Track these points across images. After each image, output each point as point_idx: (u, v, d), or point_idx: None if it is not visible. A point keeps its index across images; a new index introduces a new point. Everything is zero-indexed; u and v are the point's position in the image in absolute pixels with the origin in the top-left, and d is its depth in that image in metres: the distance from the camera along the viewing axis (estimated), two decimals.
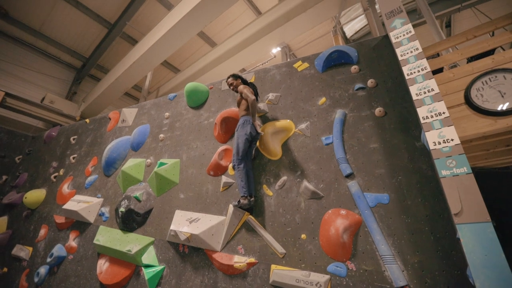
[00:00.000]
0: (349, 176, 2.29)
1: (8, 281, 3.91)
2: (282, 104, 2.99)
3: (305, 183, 2.42)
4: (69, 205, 3.74)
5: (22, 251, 3.97)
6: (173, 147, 3.51)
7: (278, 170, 2.65)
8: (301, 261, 2.16)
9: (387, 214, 2.03)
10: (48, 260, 3.58)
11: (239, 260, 2.37)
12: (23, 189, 4.80)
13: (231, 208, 2.63)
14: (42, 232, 3.99)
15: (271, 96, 3.06)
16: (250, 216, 2.54)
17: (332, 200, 2.27)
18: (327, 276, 2.00)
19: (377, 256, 1.93)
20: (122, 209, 3.17)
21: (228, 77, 3.05)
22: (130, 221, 3.15)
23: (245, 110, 2.79)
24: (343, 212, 2.16)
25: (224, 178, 2.87)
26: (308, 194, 2.37)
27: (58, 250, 3.58)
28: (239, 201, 2.48)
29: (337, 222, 2.12)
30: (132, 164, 3.58)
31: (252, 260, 2.34)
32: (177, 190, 3.16)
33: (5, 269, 4.00)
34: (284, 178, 2.56)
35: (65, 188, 4.19)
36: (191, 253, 2.69)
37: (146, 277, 2.73)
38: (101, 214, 3.57)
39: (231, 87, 3.04)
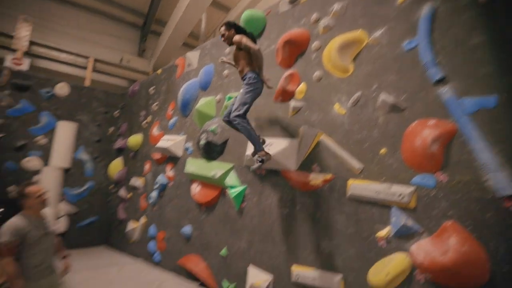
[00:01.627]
0: (441, 81, 1.94)
1: (133, 202, 5.19)
2: (350, 13, 2.57)
3: (383, 96, 2.18)
4: (161, 144, 4.45)
5: (137, 182, 5.09)
6: (238, 81, 3.55)
7: (350, 87, 2.44)
8: (381, 175, 2.10)
9: (492, 120, 1.70)
10: (155, 186, 4.51)
11: (315, 177, 2.47)
12: (126, 136, 5.88)
13: (302, 130, 2.65)
14: (147, 167, 4.95)
15: (336, 6, 2.65)
16: (323, 136, 2.52)
17: (418, 110, 2.01)
18: (412, 187, 1.92)
19: (476, 166, 1.71)
20: (202, 142, 3.59)
21: (221, 25, 2.63)
22: (210, 151, 3.56)
23: (248, 65, 2.47)
24: (431, 122, 1.92)
25: (292, 103, 2.84)
26: (386, 108, 2.16)
27: (161, 179, 4.44)
28: (262, 160, 2.33)
29: (424, 133, 1.91)
30: (203, 103, 3.87)
31: (328, 176, 2.41)
32: None
33: (130, 194, 5.27)
34: (357, 94, 2.35)
35: (155, 131, 4.93)
36: (268, 174, 2.94)
37: (231, 196, 3.18)
38: (186, 149, 4.14)
39: (223, 39, 2.63)
